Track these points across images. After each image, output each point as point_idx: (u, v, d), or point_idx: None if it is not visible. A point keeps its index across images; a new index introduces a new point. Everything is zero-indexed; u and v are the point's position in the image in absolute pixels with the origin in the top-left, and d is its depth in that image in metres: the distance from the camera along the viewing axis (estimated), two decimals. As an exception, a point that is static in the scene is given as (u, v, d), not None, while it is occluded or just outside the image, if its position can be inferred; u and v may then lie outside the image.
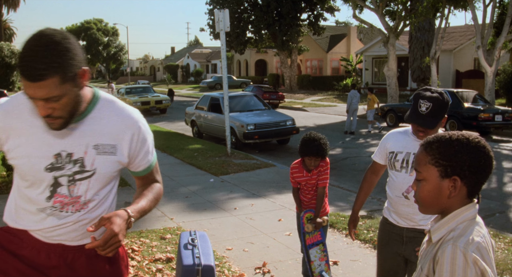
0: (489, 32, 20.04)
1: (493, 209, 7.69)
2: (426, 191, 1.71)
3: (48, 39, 1.75)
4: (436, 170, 1.68)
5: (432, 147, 1.70)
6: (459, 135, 1.68)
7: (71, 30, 79.86)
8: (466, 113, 15.94)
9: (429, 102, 2.91)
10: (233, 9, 37.16)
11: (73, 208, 2.04)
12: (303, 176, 4.40)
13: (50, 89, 1.77)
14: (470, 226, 1.65)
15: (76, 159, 1.98)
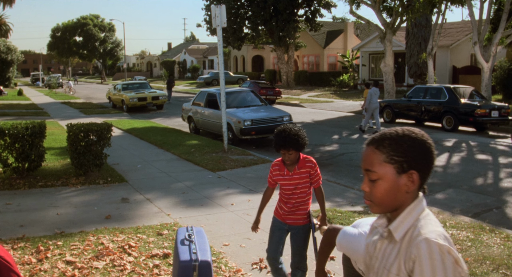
0: (486, 28, 20.05)
1: (490, 205, 7.71)
2: (384, 190, 1.70)
3: None
4: (392, 167, 1.68)
5: (384, 144, 1.70)
6: (405, 130, 1.72)
7: (67, 26, 79.55)
8: (463, 109, 15.96)
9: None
10: (230, 4, 37.05)
11: None
12: (283, 175, 4.07)
13: None
14: (428, 218, 1.69)
15: None
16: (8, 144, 8.52)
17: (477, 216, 7.02)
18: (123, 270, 4.86)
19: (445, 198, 8.15)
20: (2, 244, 5.49)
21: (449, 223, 6.36)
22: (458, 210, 7.34)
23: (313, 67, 49.19)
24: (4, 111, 24.00)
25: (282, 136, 3.91)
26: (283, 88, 38.21)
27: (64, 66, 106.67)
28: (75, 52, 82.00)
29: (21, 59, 52.00)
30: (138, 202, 7.61)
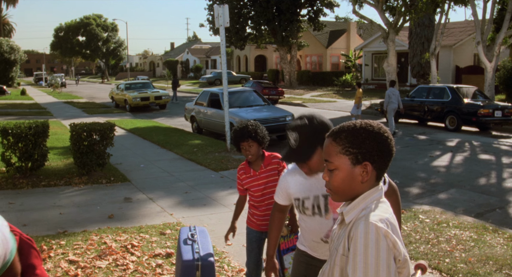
0: (489, 28, 20.00)
1: (493, 205, 7.69)
2: (340, 180, 1.80)
3: None
4: (348, 159, 1.78)
5: (341, 137, 1.80)
6: (363, 123, 1.80)
7: (70, 26, 79.74)
8: (466, 108, 15.93)
9: (294, 132, 2.56)
10: (233, 4, 37.05)
11: None
12: (250, 177, 3.80)
13: None
14: (380, 205, 1.76)
15: None
16: (11, 144, 8.54)
17: (480, 216, 7.00)
18: (126, 270, 4.87)
19: (448, 198, 8.14)
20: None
21: (452, 223, 6.35)
22: (461, 210, 7.32)
23: (315, 66, 49.16)
24: (7, 110, 24.04)
25: (240, 128, 3.70)
26: (285, 88, 38.19)
27: (67, 66, 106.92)
28: (78, 52, 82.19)
29: (24, 58, 52.10)
30: (141, 202, 7.62)
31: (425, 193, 8.43)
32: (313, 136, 2.54)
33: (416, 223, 6.38)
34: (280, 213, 3.04)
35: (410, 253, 5.30)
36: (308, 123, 2.56)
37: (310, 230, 2.77)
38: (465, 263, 5.00)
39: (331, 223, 2.65)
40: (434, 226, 6.25)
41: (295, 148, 2.56)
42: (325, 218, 2.69)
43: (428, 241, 5.67)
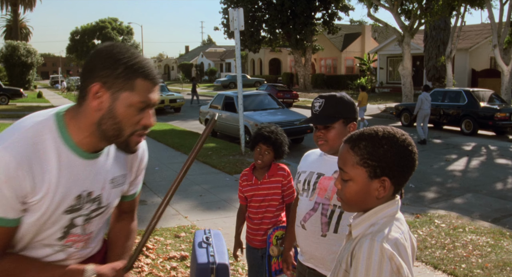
0: (506, 31, 19.82)
1: (510, 210, 7.61)
2: (353, 192, 1.63)
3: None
4: (364, 171, 1.60)
5: (360, 146, 1.61)
6: (385, 132, 1.61)
7: (86, 29, 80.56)
8: (482, 112, 15.79)
9: (321, 99, 2.56)
10: (248, 8, 37.14)
11: (84, 244, 1.89)
12: (251, 185, 3.54)
13: None
14: (390, 222, 1.60)
15: (94, 198, 1.80)
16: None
17: (497, 221, 6.93)
18: (140, 272, 4.89)
19: (464, 202, 8.06)
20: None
21: (469, 228, 6.29)
22: (478, 215, 7.25)
23: (330, 70, 49.06)
24: (24, 113, 24.24)
25: (267, 130, 3.49)
26: (300, 91, 38.15)
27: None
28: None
29: (40, 62, 52.66)
30: (155, 204, 7.65)
31: (440, 198, 8.36)
32: (339, 106, 2.55)
33: (431, 228, 6.33)
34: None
35: (425, 258, 5.26)
36: (335, 96, 2.58)
37: (297, 213, 2.68)
38: (481, 269, 4.94)
39: (311, 207, 2.55)
40: (450, 231, 6.19)
41: (319, 113, 2.54)
42: (309, 199, 2.58)
43: (444, 246, 5.62)
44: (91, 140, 1.70)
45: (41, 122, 1.67)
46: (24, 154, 1.57)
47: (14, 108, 28.33)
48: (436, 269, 5.01)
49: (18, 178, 1.56)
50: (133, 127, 1.67)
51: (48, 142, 1.64)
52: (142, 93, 1.62)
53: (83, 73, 1.65)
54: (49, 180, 1.63)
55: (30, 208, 1.64)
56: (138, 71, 1.61)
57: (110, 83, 1.60)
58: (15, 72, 47.95)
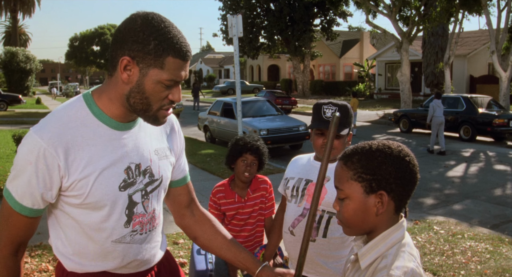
0: (504, 37, 19.88)
1: (509, 216, 7.60)
2: (351, 211, 1.52)
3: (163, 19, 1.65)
4: (360, 186, 1.50)
5: (353, 160, 1.52)
6: (380, 145, 1.53)
7: (85, 36, 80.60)
8: (481, 118, 15.81)
9: (334, 107, 2.52)
10: (246, 14, 37.23)
11: (150, 226, 1.85)
12: (233, 203, 3.26)
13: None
14: (401, 250, 1.49)
15: (145, 170, 1.78)
16: (26, 153, 8.61)
17: (495, 228, 6.92)
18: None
19: (463, 209, 8.06)
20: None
21: (467, 234, 6.29)
22: (476, 221, 7.24)
23: (329, 76, 49.14)
24: (22, 119, 24.30)
25: (250, 140, 3.25)
26: (298, 98, 38.20)
27: (82, 75, 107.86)
28: (92, 61, 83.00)
29: (39, 68, 52.67)
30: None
31: (439, 204, 8.35)
32: (348, 118, 2.55)
33: (430, 234, 6.32)
34: (283, 213, 2.81)
35: (424, 264, 5.25)
36: (345, 106, 2.55)
37: (285, 219, 2.65)
38: (480, 275, 4.93)
39: (300, 213, 2.57)
40: (449, 237, 6.19)
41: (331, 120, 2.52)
42: (298, 205, 2.58)
43: (443, 253, 5.61)
44: (122, 111, 1.71)
45: (70, 103, 1.71)
46: (54, 135, 1.59)
47: (13, 114, 28.30)
48: (435, 275, 5.00)
49: (46, 159, 1.57)
50: (161, 102, 1.67)
51: (80, 119, 1.66)
52: (171, 71, 1.61)
53: (114, 42, 1.64)
54: (86, 156, 1.63)
55: (73, 189, 1.64)
56: (169, 49, 1.59)
57: (140, 58, 1.59)
58: (14, 78, 47.95)
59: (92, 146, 1.65)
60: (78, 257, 1.75)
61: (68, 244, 1.75)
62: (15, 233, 1.66)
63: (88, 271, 1.75)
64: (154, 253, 1.91)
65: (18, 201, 1.62)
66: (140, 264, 1.85)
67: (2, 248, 1.67)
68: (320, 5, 38.23)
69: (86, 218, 1.69)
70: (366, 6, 23.80)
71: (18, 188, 1.61)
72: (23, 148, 1.59)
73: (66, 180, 1.62)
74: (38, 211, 1.67)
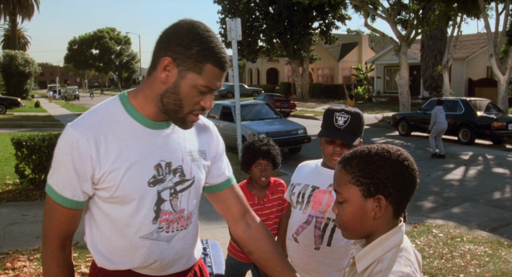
0: (502, 40, 19.93)
1: (508, 219, 7.61)
2: (349, 214, 1.53)
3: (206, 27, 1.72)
4: (358, 190, 1.51)
5: (351, 164, 1.53)
6: (379, 149, 1.53)
7: (84, 39, 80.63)
8: (479, 122, 15.83)
9: (347, 115, 2.45)
10: (245, 18, 37.27)
11: (178, 225, 1.86)
12: (254, 205, 3.27)
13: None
14: (398, 255, 1.48)
15: (175, 169, 1.81)
16: (25, 156, 8.61)
17: (494, 231, 6.93)
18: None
19: (461, 212, 8.06)
20: (18, 255, 5.54)
21: (466, 237, 6.29)
22: (475, 225, 7.25)
23: (327, 79, 49.20)
24: (21, 122, 24.28)
25: (263, 144, 3.28)
26: (297, 101, 38.24)
27: (81, 79, 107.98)
28: (91, 65, 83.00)
29: (38, 71, 52.71)
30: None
31: (438, 207, 8.36)
32: (361, 126, 2.49)
33: (429, 237, 6.32)
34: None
35: (423, 268, 5.25)
36: (358, 113, 2.48)
37: (289, 226, 2.62)
38: (479, 278, 4.93)
39: (304, 220, 2.52)
40: (448, 240, 6.19)
41: (344, 129, 2.43)
42: (303, 212, 2.53)
43: (442, 256, 5.61)
44: (155, 110, 1.76)
45: (106, 102, 1.80)
46: (87, 127, 1.68)
47: (12, 117, 28.29)
48: (434, 279, 4.99)
49: (80, 150, 1.65)
50: (192, 106, 1.72)
51: (114, 116, 1.74)
52: (208, 78, 1.67)
53: (159, 42, 1.70)
54: (117, 149, 1.70)
55: (103, 181, 1.70)
56: (209, 56, 1.65)
57: (181, 61, 1.65)
58: (13, 81, 47.96)
59: (123, 140, 1.72)
60: (108, 253, 1.80)
61: (100, 239, 1.80)
62: (59, 226, 1.74)
63: (116, 268, 1.80)
64: (180, 256, 1.89)
65: (59, 193, 1.70)
66: (163, 267, 1.85)
67: (51, 242, 1.76)
68: (319, 8, 38.29)
69: (116, 213, 1.75)
70: (365, 9, 23.85)
71: (58, 180, 1.70)
72: (60, 142, 1.70)
73: (98, 171, 1.68)
74: (78, 203, 1.73)
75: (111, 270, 1.81)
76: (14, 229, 6.69)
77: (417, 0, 21.95)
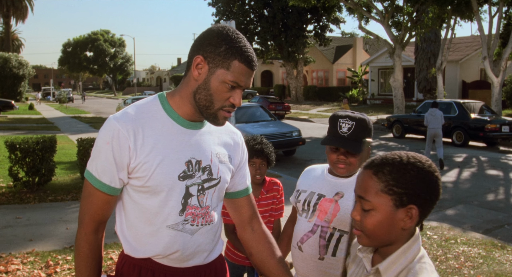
0: (495, 43, 20.03)
1: (501, 221, 7.63)
2: (376, 222, 1.48)
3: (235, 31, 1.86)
4: (390, 199, 1.46)
5: (384, 172, 1.48)
6: (411, 158, 1.50)
7: (78, 41, 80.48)
8: (473, 124, 15.89)
9: (352, 121, 2.36)
10: (240, 20, 37.32)
11: (203, 220, 1.96)
12: None
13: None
14: (423, 262, 1.49)
15: (204, 167, 1.93)
16: (19, 159, 8.57)
17: (488, 233, 6.95)
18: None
19: (455, 214, 8.08)
20: (12, 259, 5.51)
21: (460, 239, 6.30)
22: (469, 226, 7.27)
23: (322, 82, 49.28)
24: (15, 125, 24.19)
25: (257, 143, 3.30)
26: (292, 103, 38.27)
27: (75, 81, 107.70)
28: (85, 67, 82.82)
29: (32, 74, 52.55)
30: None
31: (432, 209, 8.37)
32: (368, 133, 2.41)
33: (423, 239, 6.33)
34: (292, 226, 2.73)
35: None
36: (364, 119, 2.41)
37: (294, 234, 2.58)
38: (473, 280, 4.95)
39: (310, 228, 2.47)
40: (442, 242, 6.20)
41: (348, 137, 2.35)
42: (308, 220, 2.48)
43: (436, 258, 5.62)
44: (191, 110, 1.89)
45: (146, 100, 1.94)
46: (127, 120, 1.81)
47: (5, 120, 28.17)
48: (428, 281, 4.99)
49: (120, 140, 1.79)
50: (222, 102, 1.83)
51: (153, 113, 1.87)
52: (235, 74, 1.79)
53: (193, 45, 1.86)
54: (152, 143, 1.82)
55: (138, 170, 1.82)
56: (236, 53, 1.78)
57: (211, 58, 1.79)
58: (7, 84, 47.79)
59: (159, 135, 1.84)
60: (134, 240, 1.91)
61: (128, 227, 1.93)
62: (95, 211, 1.86)
63: (139, 256, 1.91)
64: (201, 250, 1.98)
65: (98, 178, 1.82)
66: (184, 258, 1.93)
67: (85, 226, 1.87)
68: (313, 11, 38.39)
69: (146, 202, 1.86)
70: (359, 12, 23.93)
71: (97, 166, 1.83)
72: (102, 131, 1.84)
73: (133, 160, 1.81)
74: (114, 189, 1.85)
75: (135, 258, 1.91)
76: (8, 232, 6.66)
77: (411, 2, 22.02)
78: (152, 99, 1.94)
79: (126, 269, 1.93)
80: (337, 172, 2.44)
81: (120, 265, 1.96)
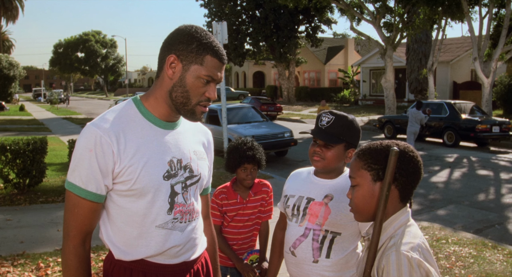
0: (486, 44, 20.15)
1: (492, 221, 7.68)
2: (360, 196, 1.77)
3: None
4: (369, 174, 1.77)
5: (365, 153, 1.79)
6: (389, 142, 1.79)
7: (69, 42, 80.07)
8: (464, 124, 15.97)
9: (332, 116, 2.42)
10: (231, 21, 37.32)
11: (190, 217, 2.03)
12: (236, 204, 3.29)
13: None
14: (408, 230, 1.72)
15: (185, 165, 1.99)
16: (9, 160, 8.51)
17: (479, 232, 6.99)
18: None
19: (446, 214, 8.12)
20: (2, 261, 5.48)
21: (451, 239, 6.33)
22: (460, 226, 7.30)
23: (314, 83, 49.37)
24: (5, 126, 24.05)
25: (245, 148, 3.25)
26: (284, 104, 38.29)
27: (66, 82, 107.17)
28: (77, 68, 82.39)
29: (23, 74, 52.20)
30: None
31: (423, 209, 8.41)
32: (347, 129, 2.43)
33: (415, 239, 6.34)
34: (281, 231, 2.75)
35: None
36: (346, 117, 2.44)
37: (286, 239, 2.57)
38: (464, 280, 4.97)
39: (301, 233, 2.47)
40: (433, 242, 6.23)
41: (325, 129, 2.41)
42: (299, 225, 2.48)
43: (427, 258, 5.63)
44: (167, 110, 1.94)
45: (121, 105, 1.97)
46: (108, 125, 1.83)
47: (-4, 121, 28.00)
48: (419, 280, 5.01)
49: (103, 146, 1.79)
50: (199, 97, 1.90)
51: (131, 117, 1.91)
52: (209, 68, 1.86)
53: (163, 47, 1.90)
54: (135, 146, 1.86)
55: (122, 175, 1.84)
56: (208, 49, 1.85)
57: (184, 56, 1.85)
58: (-3, 85, 47.47)
59: (140, 138, 1.88)
60: (123, 245, 1.91)
61: (116, 233, 1.92)
62: (82, 221, 1.84)
63: (131, 259, 1.91)
64: (192, 245, 2.04)
65: (83, 187, 1.81)
66: (178, 252, 1.98)
67: (72, 238, 1.85)
68: (305, 12, 38.45)
69: (133, 205, 1.88)
70: (351, 13, 23.99)
71: (81, 175, 1.81)
72: (81, 139, 1.83)
73: (118, 165, 1.82)
74: (101, 196, 1.85)
75: (127, 261, 1.91)
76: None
77: (402, 3, 22.11)
78: (127, 103, 1.96)
79: (116, 272, 1.93)
80: (313, 165, 2.51)
81: (110, 269, 1.95)
